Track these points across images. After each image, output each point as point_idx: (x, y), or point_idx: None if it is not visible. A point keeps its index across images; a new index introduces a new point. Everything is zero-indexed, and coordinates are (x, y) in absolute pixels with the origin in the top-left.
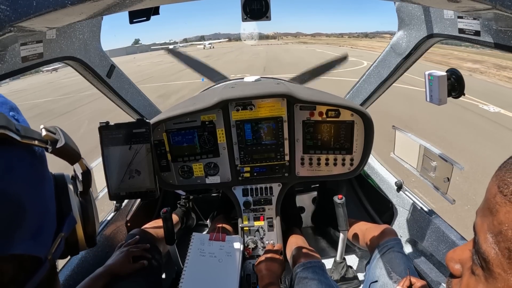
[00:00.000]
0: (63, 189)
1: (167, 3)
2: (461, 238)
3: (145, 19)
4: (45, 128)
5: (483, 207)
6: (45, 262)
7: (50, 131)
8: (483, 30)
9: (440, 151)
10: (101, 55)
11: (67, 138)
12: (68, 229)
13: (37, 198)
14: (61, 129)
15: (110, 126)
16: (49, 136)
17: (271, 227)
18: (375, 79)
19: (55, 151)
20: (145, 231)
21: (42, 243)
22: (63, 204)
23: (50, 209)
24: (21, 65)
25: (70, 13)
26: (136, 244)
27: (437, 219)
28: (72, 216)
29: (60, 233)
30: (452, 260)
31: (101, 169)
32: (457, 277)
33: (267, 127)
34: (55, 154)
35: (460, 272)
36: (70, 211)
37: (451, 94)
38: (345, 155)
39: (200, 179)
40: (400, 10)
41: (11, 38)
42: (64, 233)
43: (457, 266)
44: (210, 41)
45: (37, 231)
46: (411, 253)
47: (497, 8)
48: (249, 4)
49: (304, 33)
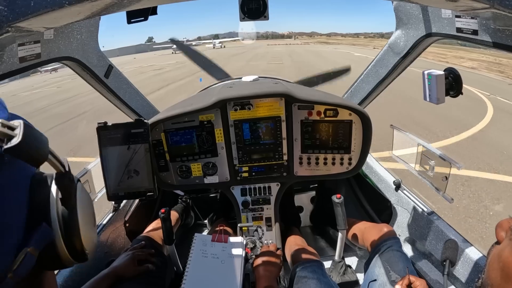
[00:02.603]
0: (39, 195)
1: (165, 3)
2: (460, 236)
3: (142, 19)
4: (1, 123)
5: None
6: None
7: (8, 126)
8: (481, 29)
9: (439, 151)
10: (99, 55)
11: (28, 135)
12: (40, 243)
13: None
14: (26, 125)
15: (108, 126)
16: (3, 133)
17: (269, 227)
18: (373, 78)
19: (7, 151)
20: (151, 237)
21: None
22: (35, 213)
23: (10, 221)
24: (19, 66)
25: (68, 13)
26: (141, 249)
27: (435, 217)
28: (44, 228)
29: (25, 248)
30: (500, 228)
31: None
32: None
33: (265, 126)
34: (9, 154)
35: (503, 239)
36: (42, 222)
37: (449, 93)
38: (343, 154)
39: (198, 179)
40: (398, 9)
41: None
42: (31, 248)
43: (503, 233)
44: (221, 39)
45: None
46: (410, 252)
47: (494, 7)
48: (247, 3)
49: (319, 33)
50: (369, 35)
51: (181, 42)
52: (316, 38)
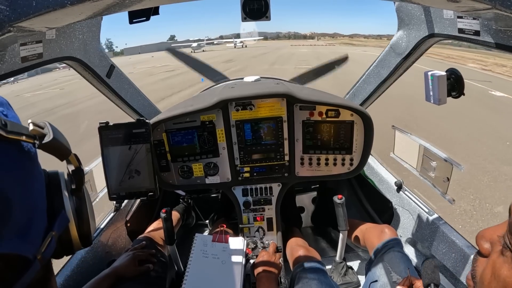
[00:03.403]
0: (55, 186)
1: (167, 3)
2: (461, 237)
3: (145, 19)
4: (32, 123)
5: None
6: (34, 261)
7: (38, 125)
8: (483, 30)
9: (440, 151)
10: (100, 55)
11: (56, 133)
12: (60, 228)
13: (25, 195)
14: (51, 124)
15: (110, 126)
16: (36, 131)
17: (270, 227)
18: (374, 79)
19: (42, 146)
20: (152, 237)
21: (30, 242)
22: (55, 202)
23: (39, 207)
24: (21, 65)
25: (70, 13)
26: (142, 249)
27: (437, 218)
28: (64, 214)
29: (50, 232)
30: (483, 238)
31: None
32: (484, 256)
33: (267, 127)
34: (43, 149)
35: (489, 252)
36: (62, 209)
37: (450, 94)
38: (345, 155)
39: (199, 179)
40: (399, 10)
41: (11, 38)
42: (55, 232)
43: (487, 245)
44: (242, 39)
45: (25, 229)
46: (411, 252)
47: (496, 8)
48: (249, 4)
49: (341, 34)
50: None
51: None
52: (339, 39)
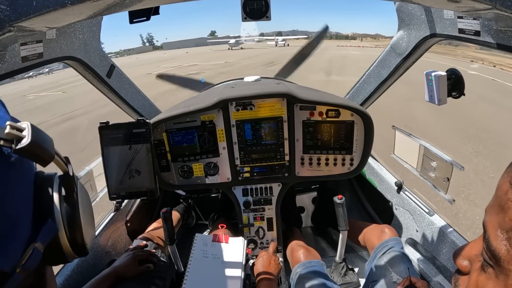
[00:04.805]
0: (43, 193)
1: (167, 3)
2: (461, 237)
3: (145, 19)
4: (10, 125)
5: (494, 204)
6: (13, 274)
7: (16, 128)
8: (483, 30)
9: (440, 152)
10: (101, 55)
11: (36, 136)
12: (46, 238)
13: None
14: (33, 126)
15: (110, 126)
16: (12, 134)
17: (271, 227)
18: (375, 79)
19: (18, 151)
20: (152, 237)
21: (7, 254)
22: (42, 210)
23: (20, 215)
24: (21, 65)
25: (70, 13)
26: (142, 249)
27: (437, 219)
28: (50, 223)
29: (32, 243)
30: (460, 257)
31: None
32: (464, 273)
33: (267, 127)
34: (19, 154)
35: (468, 269)
36: (48, 218)
37: (451, 94)
38: (345, 155)
39: (200, 179)
40: (400, 10)
41: (11, 38)
42: (39, 243)
43: (465, 262)
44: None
45: (1, 241)
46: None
47: (497, 8)
48: (249, 4)
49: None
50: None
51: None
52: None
